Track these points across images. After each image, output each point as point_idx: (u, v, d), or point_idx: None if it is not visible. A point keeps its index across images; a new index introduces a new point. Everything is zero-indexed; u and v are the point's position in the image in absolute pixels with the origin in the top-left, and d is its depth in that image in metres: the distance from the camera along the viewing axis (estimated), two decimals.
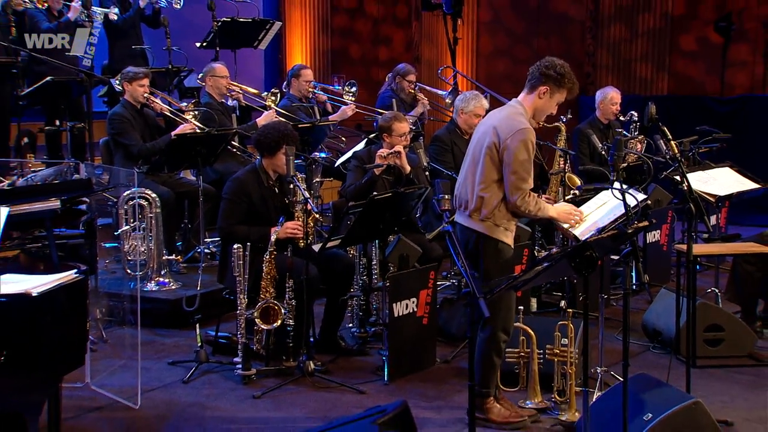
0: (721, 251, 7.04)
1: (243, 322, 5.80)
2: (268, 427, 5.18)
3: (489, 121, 5.10)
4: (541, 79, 4.96)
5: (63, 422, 4.56)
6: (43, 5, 9.03)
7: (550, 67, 4.96)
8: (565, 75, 4.96)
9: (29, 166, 7.39)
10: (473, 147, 5.09)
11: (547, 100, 5.00)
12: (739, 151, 8.82)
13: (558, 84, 4.96)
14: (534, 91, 5.00)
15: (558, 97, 5.03)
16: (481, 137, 5.01)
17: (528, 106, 5.02)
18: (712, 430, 4.58)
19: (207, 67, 8.51)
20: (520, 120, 4.93)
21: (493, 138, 4.88)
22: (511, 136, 4.83)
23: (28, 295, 3.73)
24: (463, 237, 5.00)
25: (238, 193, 6.05)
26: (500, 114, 5.07)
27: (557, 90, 4.98)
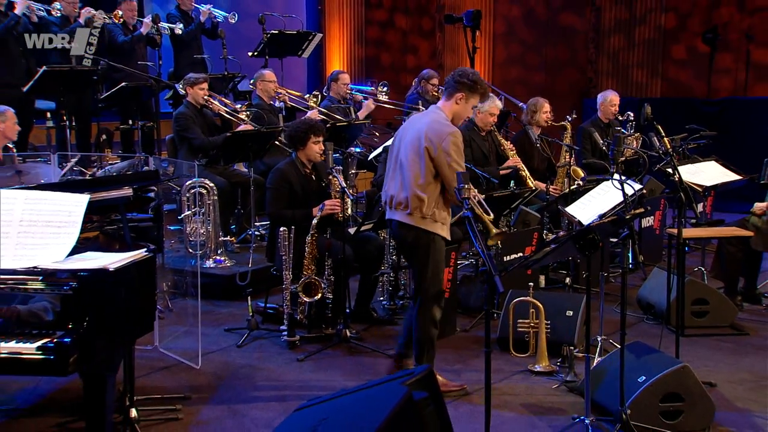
0: (707, 235, 7.00)
1: (288, 295, 5.85)
2: (309, 386, 5.19)
3: (415, 126, 4.91)
4: (457, 87, 4.88)
5: (136, 379, 4.63)
6: (120, 20, 9.10)
7: (464, 76, 4.90)
8: (477, 82, 4.90)
9: (107, 159, 7.48)
10: (401, 151, 4.91)
11: (464, 105, 4.93)
12: (724, 147, 8.76)
13: (471, 90, 4.89)
14: (451, 98, 4.92)
15: (472, 102, 4.97)
16: (412, 142, 4.84)
17: (447, 112, 4.92)
18: (698, 390, 4.58)
19: (258, 73, 8.55)
20: (447, 124, 4.84)
21: (426, 143, 4.74)
22: (444, 140, 4.73)
23: (106, 270, 3.76)
24: (402, 233, 4.90)
25: (280, 182, 6.08)
26: (425, 119, 4.91)
27: (471, 95, 4.91)
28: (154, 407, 4.76)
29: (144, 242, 4.53)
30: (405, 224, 4.86)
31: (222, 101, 8.03)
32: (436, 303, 4.91)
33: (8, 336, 3.65)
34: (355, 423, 2.51)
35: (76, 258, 3.86)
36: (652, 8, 12.18)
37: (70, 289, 3.66)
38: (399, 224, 4.90)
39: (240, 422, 4.69)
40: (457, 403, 4.88)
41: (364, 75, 12.73)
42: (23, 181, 5.50)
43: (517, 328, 5.66)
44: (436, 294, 4.90)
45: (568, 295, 6.14)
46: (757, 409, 4.89)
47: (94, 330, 3.68)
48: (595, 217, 5.09)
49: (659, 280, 6.32)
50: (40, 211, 3.91)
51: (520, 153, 7.69)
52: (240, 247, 7.54)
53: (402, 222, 4.87)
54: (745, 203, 7.32)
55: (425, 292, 4.88)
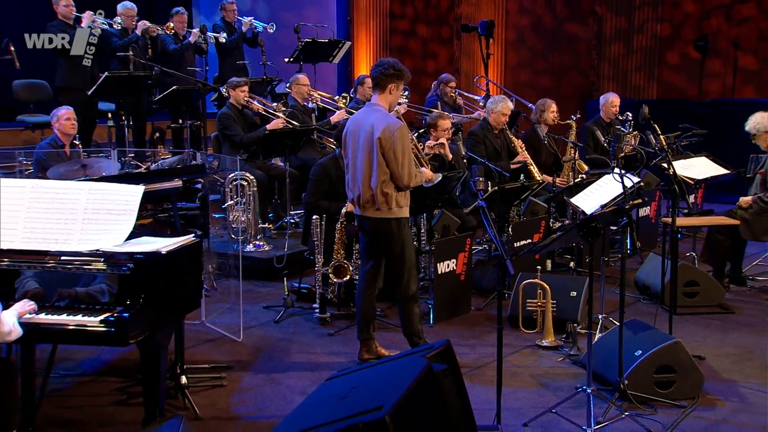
0: (698, 223, 7.02)
1: (320, 276, 5.87)
2: (339, 358, 5.21)
3: (362, 125, 4.78)
4: (387, 79, 4.79)
5: (185, 350, 4.69)
6: (171, 31, 9.15)
7: (389, 67, 4.80)
8: (401, 69, 4.83)
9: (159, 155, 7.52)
10: (358, 152, 4.79)
11: (396, 93, 4.86)
12: (713, 144, 8.69)
13: (399, 78, 4.82)
14: (384, 90, 4.82)
15: (401, 88, 4.90)
16: (365, 140, 4.72)
17: (384, 104, 4.84)
18: (689, 363, 4.59)
19: (293, 77, 8.56)
20: (392, 118, 4.77)
21: (378, 136, 4.65)
22: (393, 133, 4.64)
23: (158, 253, 3.79)
24: (374, 225, 4.85)
25: (321, 175, 6.09)
26: (371, 118, 4.76)
27: (399, 82, 4.83)
28: (201, 375, 4.81)
29: (192, 228, 4.57)
30: (378, 219, 4.81)
31: (261, 102, 8.05)
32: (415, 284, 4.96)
33: (75, 311, 3.70)
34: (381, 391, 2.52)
35: (132, 242, 3.89)
36: (648, 18, 12.10)
37: (128, 269, 3.70)
38: (372, 220, 4.83)
39: (277, 389, 4.72)
40: (472, 374, 4.89)
41: None
42: (87, 173, 5.56)
43: (526, 307, 5.65)
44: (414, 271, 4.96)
45: (572, 277, 6.12)
46: (741, 379, 4.89)
47: (148, 306, 3.72)
48: (597, 207, 5.07)
49: (654, 264, 6.32)
50: (102, 200, 3.95)
51: (530, 149, 7.67)
52: (277, 233, 7.56)
53: (374, 217, 4.82)
54: (733, 195, 7.30)
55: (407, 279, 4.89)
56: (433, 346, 2.91)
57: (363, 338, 5.09)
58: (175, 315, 4.18)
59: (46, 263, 3.76)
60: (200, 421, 4.27)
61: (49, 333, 3.68)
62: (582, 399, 4.32)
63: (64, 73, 8.40)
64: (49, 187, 4.03)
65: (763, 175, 6.57)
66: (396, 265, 4.91)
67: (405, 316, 4.99)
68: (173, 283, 3.94)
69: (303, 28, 10.03)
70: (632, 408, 4.39)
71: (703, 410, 4.45)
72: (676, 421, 4.28)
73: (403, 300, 4.96)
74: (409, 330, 5.01)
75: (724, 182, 7.77)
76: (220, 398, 4.58)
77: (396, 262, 4.90)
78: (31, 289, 3.76)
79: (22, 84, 9.45)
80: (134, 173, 6.07)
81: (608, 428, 4.19)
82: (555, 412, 4.35)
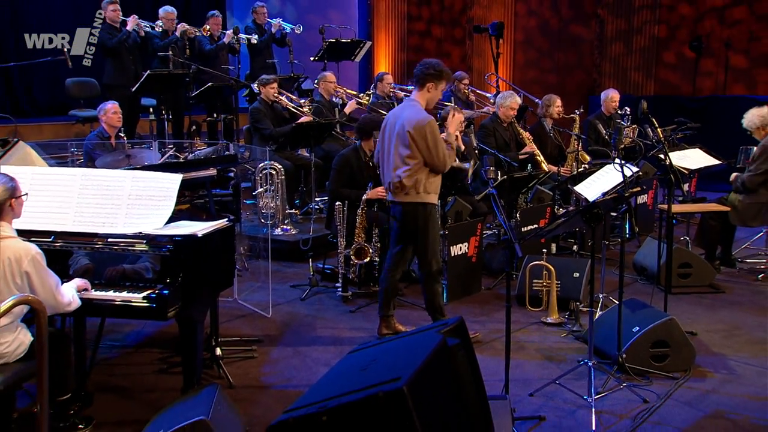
0: (692, 210, 6.97)
1: (342, 258, 5.86)
2: (359, 333, 5.21)
3: (398, 119, 4.73)
4: (426, 78, 4.72)
5: (219, 325, 4.70)
6: (207, 33, 9.18)
7: (429, 68, 4.72)
8: (441, 71, 4.73)
9: (196, 146, 7.54)
10: (391, 142, 4.76)
11: (434, 92, 4.77)
12: (706, 137, 8.59)
13: (438, 78, 4.72)
14: (423, 88, 4.75)
15: (441, 87, 4.80)
16: (398, 133, 4.69)
17: (421, 101, 4.76)
18: (682, 338, 4.57)
19: (320, 74, 8.54)
20: (423, 113, 4.70)
21: (409, 129, 4.61)
22: (424, 127, 4.60)
23: (195, 236, 3.80)
24: (404, 209, 4.81)
25: (343, 164, 6.07)
26: (405, 112, 4.73)
27: (439, 82, 4.74)
28: (234, 347, 4.83)
29: (225, 213, 4.59)
30: (406, 203, 4.78)
31: (289, 98, 8.04)
32: (438, 264, 4.90)
33: (121, 288, 3.73)
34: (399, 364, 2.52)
35: (171, 226, 3.91)
36: (647, 20, 11.99)
37: (167, 251, 3.71)
38: (402, 204, 4.81)
39: (303, 361, 4.74)
40: (483, 348, 4.88)
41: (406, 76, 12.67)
42: (131, 163, 5.57)
43: (533, 286, 5.63)
44: (437, 253, 4.90)
45: (575, 259, 6.08)
46: (730, 353, 4.87)
47: (186, 284, 3.73)
48: (599, 194, 5.03)
49: (651, 247, 6.27)
50: (145, 187, 3.97)
51: (536, 141, 7.62)
52: (303, 218, 7.56)
53: (403, 202, 4.79)
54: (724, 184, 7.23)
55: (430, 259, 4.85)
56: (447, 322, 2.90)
57: (383, 315, 5.07)
58: (210, 292, 4.20)
59: (94, 244, 3.80)
60: (233, 389, 4.29)
61: (98, 307, 3.72)
62: (583, 371, 4.30)
63: (110, 72, 8.54)
64: (97, 175, 4.06)
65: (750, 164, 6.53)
66: (421, 247, 4.88)
67: (427, 293, 4.95)
68: (208, 263, 3.95)
69: (327, 30, 10.01)
70: (630, 379, 4.38)
71: (695, 381, 4.43)
72: (669, 392, 4.27)
73: (426, 279, 4.92)
74: (431, 306, 4.97)
75: (716, 172, 7.68)
76: (252, 369, 4.60)
77: (421, 243, 4.86)
78: (82, 266, 3.80)
79: (74, 82, 9.55)
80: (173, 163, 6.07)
81: (607, 398, 4.18)
82: (558, 383, 4.34)
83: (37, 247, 3.39)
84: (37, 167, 4.36)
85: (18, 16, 10.16)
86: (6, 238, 3.33)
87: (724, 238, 6.74)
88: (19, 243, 3.36)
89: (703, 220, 6.81)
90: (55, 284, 3.41)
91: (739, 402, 4.20)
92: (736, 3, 11.27)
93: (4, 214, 3.37)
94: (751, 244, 7.20)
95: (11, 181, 3.41)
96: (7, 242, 3.32)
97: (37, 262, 3.34)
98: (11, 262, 3.29)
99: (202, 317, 4.02)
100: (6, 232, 3.35)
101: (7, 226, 3.38)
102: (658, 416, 4.01)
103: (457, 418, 2.67)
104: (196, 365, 3.94)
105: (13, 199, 3.39)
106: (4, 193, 3.35)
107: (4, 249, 3.29)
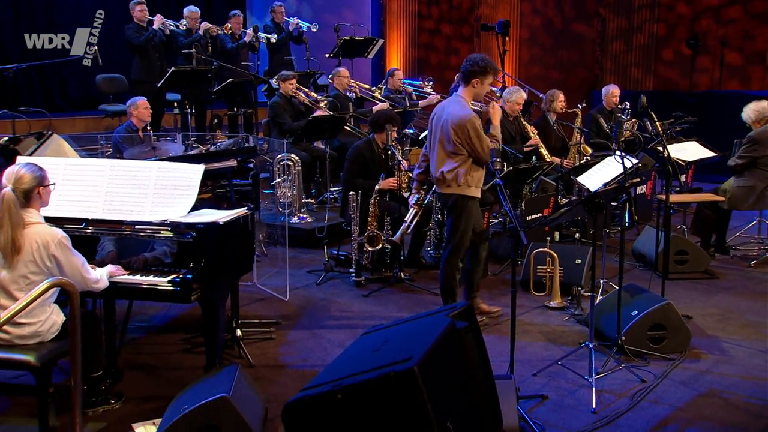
0: (688, 200, 6.94)
1: (356, 245, 5.86)
2: (372, 316, 5.21)
3: (444, 113, 4.68)
4: (471, 75, 4.64)
5: (239, 307, 4.72)
6: (228, 31, 9.18)
7: (474, 64, 4.63)
8: (486, 66, 4.63)
9: (217, 138, 7.54)
10: (436, 135, 4.72)
11: (480, 87, 4.68)
12: (702, 130, 8.51)
13: (483, 73, 4.64)
14: (468, 83, 4.68)
15: (488, 82, 4.70)
16: (444, 126, 4.66)
17: (467, 97, 4.70)
18: (678, 321, 4.55)
19: (334, 70, 8.52)
20: (467, 109, 4.63)
21: (452, 125, 4.58)
22: (466, 124, 4.55)
23: (217, 223, 3.80)
24: (446, 199, 4.81)
25: (356, 156, 6.06)
26: (450, 107, 4.68)
27: (485, 77, 4.65)
28: (254, 329, 4.84)
29: (245, 202, 4.57)
30: (448, 194, 4.79)
31: (306, 92, 8.02)
32: (460, 254, 4.86)
33: (147, 272, 3.74)
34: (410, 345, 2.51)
35: (194, 214, 3.90)
36: (646, 19, 11.88)
37: (191, 237, 3.71)
38: (444, 195, 4.83)
39: (318, 342, 4.74)
40: (489, 330, 4.87)
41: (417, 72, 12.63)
42: (157, 154, 5.58)
43: (537, 272, 5.61)
44: (462, 246, 4.84)
45: (577, 247, 6.04)
46: (723, 336, 4.84)
47: (208, 269, 3.73)
48: (600, 185, 4.98)
49: (649, 235, 6.23)
50: (169, 177, 3.96)
51: (541, 134, 7.55)
52: (318, 207, 7.56)
53: (445, 193, 4.81)
54: (720, 176, 7.18)
55: (454, 248, 4.83)
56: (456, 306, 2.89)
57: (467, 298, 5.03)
58: (231, 277, 4.20)
59: (122, 231, 3.81)
60: (253, 368, 4.31)
61: (126, 290, 3.72)
62: (585, 353, 4.29)
63: (137, 68, 8.59)
64: (125, 166, 4.06)
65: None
66: (450, 234, 4.86)
67: (444, 276, 4.91)
68: (229, 249, 3.95)
69: (342, 28, 9.99)
70: (628, 360, 4.36)
71: (690, 362, 4.41)
72: (666, 372, 4.25)
73: (446, 264, 4.88)
74: (444, 289, 4.94)
75: (712, 164, 7.62)
76: (270, 349, 4.61)
77: (451, 231, 4.84)
78: (108, 253, 3.82)
79: (104, 78, 9.58)
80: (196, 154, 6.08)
81: (607, 378, 4.16)
82: (561, 364, 4.33)
83: (62, 231, 3.41)
84: (70, 158, 4.38)
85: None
86: (34, 224, 3.36)
87: (719, 226, 6.71)
88: (46, 228, 3.38)
89: (699, 210, 6.79)
90: (81, 264, 3.43)
91: (732, 382, 4.18)
92: (731, 2, 11.17)
93: (32, 201, 3.39)
94: (744, 232, 7.15)
95: (40, 171, 3.43)
96: (35, 228, 3.35)
97: (63, 246, 3.36)
98: (39, 247, 3.32)
99: (223, 300, 4.02)
100: (34, 218, 3.38)
101: (35, 212, 3.40)
102: (655, 395, 3.99)
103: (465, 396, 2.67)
104: (218, 345, 3.95)
105: (41, 187, 3.41)
106: (32, 181, 3.37)
107: (32, 234, 3.32)
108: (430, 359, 2.39)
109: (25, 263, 3.30)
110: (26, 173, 3.37)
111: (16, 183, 3.34)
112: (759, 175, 6.39)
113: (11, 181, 3.34)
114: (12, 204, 3.29)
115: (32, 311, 3.36)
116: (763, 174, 6.38)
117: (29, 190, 3.36)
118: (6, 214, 3.28)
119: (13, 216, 3.28)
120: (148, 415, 3.71)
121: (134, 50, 8.54)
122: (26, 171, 3.38)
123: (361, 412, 2.33)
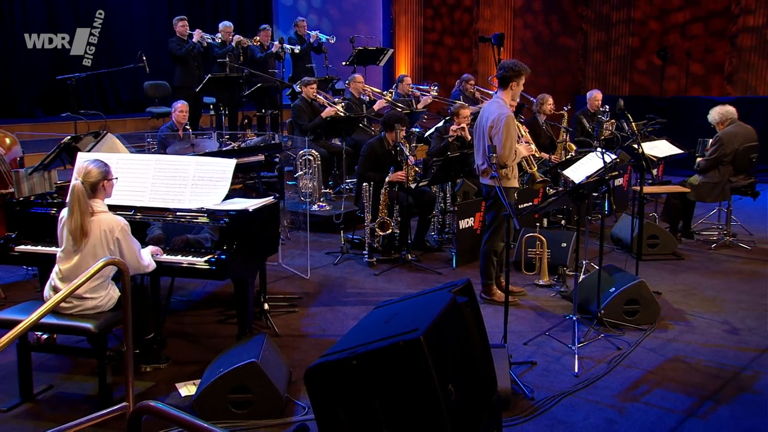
0: (659, 190, 6.87)
1: (368, 230, 5.84)
2: (383, 292, 5.19)
3: (485, 113, 4.66)
4: (508, 79, 4.60)
5: (267, 284, 4.72)
6: (258, 43, 9.15)
7: (509, 69, 4.58)
8: (519, 69, 4.59)
9: (247, 136, 7.52)
10: (480, 131, 4.66)
11: (517, 88, 4.64)
12: (671, 130, 8.44)
13: (517, 76, 4.59)
14: (507, 86, 4.63)
15: (522, 80, 4.64)
16: (484, 125, 4.62)
17: (506, 99, 4.64)
18: (650, 297, 4.52)
19: (351, 76, 8.46)
20: (504, 109, 4.57)
21: (491, 123, 4.54)
22: (501, 122, 4.50)
23: (247, 210, 3.81)
24: (487, 190, 4.78)
25: (369, 151, 6.02)
26: (491, 107, 4.64)
27: (519, 78, 4.61)
28: (279, 303, 4.84)
29: (271, 192, 4.56)
30: (488, 185, 4.74)
31: (325, 96, 7.99)
32: (500, 238, 4.79)
33: (187, 253, 3.75)
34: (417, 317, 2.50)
35: (227, 202, 3.90)
36: (623, 33, 11.83)
37: (224, 223, 3.72)
38: (485, 186, 4.79)
39: (336, 315, 4.74)
40: (485, 305, 4.84)
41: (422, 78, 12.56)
42: (195, 150, 5.57)
43: (527, 254, 5.56)
44: (501, 231, 4.76)
45: (563, 232, 6.00)
46: (688, 309, 4.82)
47: (240, 250, 3.74)
48: (583, 177, 4.94)
49: (626, 222, 6.21)
50: (206, 170, 3.96)
51: (531, 133, 7.42)
52: (335, 196, 7.53)
53: (485, 184, 4.77)
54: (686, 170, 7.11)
55: (493, 235, 4.78)
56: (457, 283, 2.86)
57: (483, 282, 4.95)
58: (259, 257, 4.20)
59: (165, 217, 3.82)
60: (279, 337, 4.31)
61: (169, 269, 3.74)
62: (569, 324, 4.27)
63: (179, 76, 8.61)
64: (168, 160, 4.06)
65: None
66: (490, 223, 4.82)
67: (483, 259, 4.87)
68: (258, 233, 3.95)
69: (357, 39, 9.95)
70: (606, 331, 4.33)
71: (659, 332, 4.38)
72: (638, 341, 4.24)
73: (485, 250, 4.84)
74: (482, 271, 4.91)
75: (679, 159, 7.54)
76: (293, 321, 4.61)
77: (491, 220, 4.81)
78: (155, 235, 3.82)
79: (150, 84, 9.57)
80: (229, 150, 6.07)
81: (588, 346, 4.14)
82: (548, 334, 4.31)
83: (124, 219, 3.45)
84: (121, 154, 4.37)
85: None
86: (101, 212, 3.40)
87: (685, 214, 6.68)
88: (111, 216, 3.42)
89: (668, 200, 6.76)
90: (137, 249, 3.47)
91: (695, 348, 4.16)
92: (694, 20, 11.18)
93: (98, 193, 3.42)
94: (707, 219, 7.10)
95: (105, 166, 3.46)
96: (102, 216, 3.39)
97: (125, 232, 3.40)
98: (106, 233, 3.36)
99: (252, 278, 4.02)
100: (100, 208, 3.42)
101: (101, 202, 3.44)
102: (629, 360, 3.97)
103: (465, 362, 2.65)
104: (248, 317, 3.96)
105: (105, 180, 3.44)
106: (99, 175, 3.40)
107: (100, 222, 3.37)
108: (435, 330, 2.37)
109: (93, 246, 3.35)
110: (93, 168, 3.40)
111: (85, 176, 3.37)
112: (722, 171, 6.35)
113: (81, 174, 3.38)
114: (81, 194, 3.33)
115: (96, 288, 3.41)
116: (725, 170, 6.35)
117: (96, 182, 3.39)
118: (76, 203, 3.33)
119: (81, 204, 3.33)
120: (189, 376, 3.73)
121: (176, 60, 8.55)
122: (94, 166, 3.41)
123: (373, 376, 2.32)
